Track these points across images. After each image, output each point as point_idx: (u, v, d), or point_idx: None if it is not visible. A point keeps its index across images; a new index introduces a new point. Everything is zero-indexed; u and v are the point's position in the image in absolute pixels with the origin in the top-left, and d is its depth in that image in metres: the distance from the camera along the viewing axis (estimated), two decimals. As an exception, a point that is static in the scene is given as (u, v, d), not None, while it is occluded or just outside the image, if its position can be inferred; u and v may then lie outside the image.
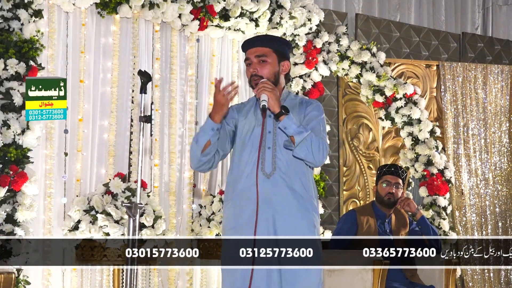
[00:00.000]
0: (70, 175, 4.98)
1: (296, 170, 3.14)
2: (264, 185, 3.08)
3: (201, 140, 3.10)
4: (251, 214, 3.06)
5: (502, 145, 6.77)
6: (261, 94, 3.05)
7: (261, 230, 3.06)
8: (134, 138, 5.25)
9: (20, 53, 4.61)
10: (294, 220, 3.11)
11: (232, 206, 3.14)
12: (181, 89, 5.54)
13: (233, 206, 3.14)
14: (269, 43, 3.22)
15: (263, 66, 3.17)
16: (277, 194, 3.10)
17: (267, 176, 3.10)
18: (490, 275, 6.55)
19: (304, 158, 3.11)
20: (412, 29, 6.85)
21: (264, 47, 3.19)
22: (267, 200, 3.08)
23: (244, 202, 3.10)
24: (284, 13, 5.77)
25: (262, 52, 3.18)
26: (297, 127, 3.07)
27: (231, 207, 3.15)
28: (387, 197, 4.61)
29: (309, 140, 3.07)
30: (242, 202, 3.10)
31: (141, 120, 3.26)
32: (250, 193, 3.08)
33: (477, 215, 6.57)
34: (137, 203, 3.22)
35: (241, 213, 3.10)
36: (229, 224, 3.15)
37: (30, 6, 4.72)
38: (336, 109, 6.34)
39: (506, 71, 6.87)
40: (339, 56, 6.21)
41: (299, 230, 3.12)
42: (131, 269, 3.25)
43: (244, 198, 3.10)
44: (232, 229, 3.12)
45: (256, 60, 3.17)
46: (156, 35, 5.41)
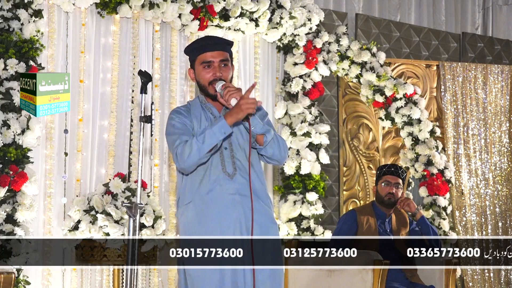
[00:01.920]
0: (70, 175, 4.98)
1: (254, 169, 3.13)
2: (229, 185, 3.07)
3: (210, 142, 2.96)
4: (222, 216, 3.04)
5: (502, 145, 6.77)
6: (231, 99, 2.97)
7: (233, 231, 3.03)
8: (134, 138, 5.25)
9: (20, 53, 4.62)
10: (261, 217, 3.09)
11: (193, 208, 3.07)
12: (181, 89, 5.55)
13: (195, 208, 3.07)
14: (228, 47, 3.19)
15: (225, 70, 3.12)
16: (242, 195, 3.07)
17: (230, 177, 3.08)
18: (490, 275, 6.55)
19: (272, 155, 3.10)
20: (412, 29, 6.85)
21: (226, 52, 3.15)
22: (235, 201, 3.06)
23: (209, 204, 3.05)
24: (284, 13, 5.77)
25: (225, 56, 3.14)
26: (262, 125, 3.05)
27: (192, 209, 3.08)
28: (387, 197, 4.61)
29: (276, 137, 3.10)
30: (205, 204, 3.05)
31: (141, 120, 3.26)
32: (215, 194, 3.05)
33: (477, 215, 6.56)
34: (137, 203, 3.22)
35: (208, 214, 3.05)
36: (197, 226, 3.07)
37: (30, 6, 4.73)
38: (336, 109, 6.33)
39: (506, 71, 6.87)
40: (339, 56, 6.21)
41: (266, 229, 3.11)
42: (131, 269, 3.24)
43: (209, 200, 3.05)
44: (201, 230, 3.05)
45: (218, 64, 3.11)
46: (156, 35, 5.41)
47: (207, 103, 3.19)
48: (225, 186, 3.07)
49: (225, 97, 2.98)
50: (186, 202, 3.10)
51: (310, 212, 5.79)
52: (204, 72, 3.12)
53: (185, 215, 3.10)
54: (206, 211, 3.05)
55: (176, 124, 3.10)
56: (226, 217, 3.04)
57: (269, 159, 3.14)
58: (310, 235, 5.74)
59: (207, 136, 2.96)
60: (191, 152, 2.97)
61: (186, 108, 3.20)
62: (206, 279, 2.99)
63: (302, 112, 5.91)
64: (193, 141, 2.98)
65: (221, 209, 3.05)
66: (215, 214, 3.04)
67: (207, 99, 3.19)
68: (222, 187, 3.07)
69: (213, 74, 3.10)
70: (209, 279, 2.98)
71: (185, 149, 2.98)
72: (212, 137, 2.95)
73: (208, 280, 2.98)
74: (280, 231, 5.68)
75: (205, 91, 3.15)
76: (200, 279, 3.00)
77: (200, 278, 3.00)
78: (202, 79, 3.12)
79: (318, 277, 4.11)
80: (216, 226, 3.03)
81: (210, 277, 2.98)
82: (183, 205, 3.12)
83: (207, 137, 2.96)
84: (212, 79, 3.10)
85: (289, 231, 5.73)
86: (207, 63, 3.11)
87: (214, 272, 2.98)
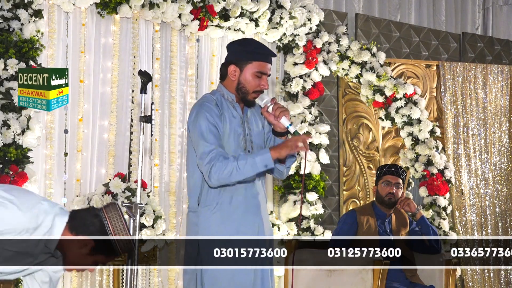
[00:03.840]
0: (70, 175, 4.98)
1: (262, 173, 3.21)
2: (251, 190, 3.14)
3: (248, 172, 2.96)
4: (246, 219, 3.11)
5: (502, 145, 6.77)
6: (282, 116, 3.04)
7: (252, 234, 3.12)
8: (134, 138, 5.25)
9: (20, 53, 4.62)
10: (268, 224, 3.26)
11: (219, 211, 3.10)
12: (181, 89, 5.55)
13: (221, 211, 3.09)
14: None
15: (267, 82, 3.18)
16: (260, 199, 3.18)
17: (252, 181, 3.15)
18: (490, 275, 6.55)
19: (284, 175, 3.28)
20: (412, 29, 6.85)
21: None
22: (257, 206, 3.15)
23: (235, 207, 3.10)
24: (284, 13, 5.77)
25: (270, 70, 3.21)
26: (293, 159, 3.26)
27: (218, 212, 3.10)
28: (387, 197, 4.61)
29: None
30: (231, 207, 3.10)
31: (141, 120, 3.26)
32: (241, 198, 3.11)
33: (477, 215, 6.56)
34: (137, 203, 3.22)
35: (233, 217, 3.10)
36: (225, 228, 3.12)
37: (30, 6, 4.73)
38: (336, 109, 6.33)
39: (506, 71, 6.87)
40: (339, 56, 6.21)
41: (270, 230, 3.29)
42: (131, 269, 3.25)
43: (235, 203, 3.10)
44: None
45: (266, 76, 3.16)
46: (156, 35, 5.41)
47: (235, 102, 3.19)
48: (249, 190, 3.13)
49: (276, 113, 3.04)
50: (212, 205, 3.10)
51: (310, 212, 5.79)
52: (256, 79, 3.12)
53: (209, 219, 3.09)
54: (233, 214, 3.09)
55: (211, 128, 3.05)
56: (249, 220, 3.12)
57: (278, 174, 3.26)
58: (310, 235, 5.74)
59: (248, 165, 2.95)
60: (228, 175, 2.96)
61: (215, 103, 3.14)
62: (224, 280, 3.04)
63: (302, 112, 5.92)
64: (234, 164, 2.95)
65: (244, 213, 3.11)
66: (240, 218, 3.10)
67: (236, 98, 3.19)
68: (246, 191, 3.12)
69: (261, 85, 3.12)
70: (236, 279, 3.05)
71: (222, 168, 2.96)
72: (253, 167, 2.96)
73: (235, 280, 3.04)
74: (280, 231, 5.69)
75: (244, 94, 3.14)
76: (227, 278, 3.04)
77: (225, 278, 3.04)
78: (249, 85, 3.12)
79: (318, 277, 4.11)
80: (239, 229, 3.09)
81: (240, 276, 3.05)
82: (206, 208, 3.10)
83: (248, 166, 2.95)
84: (258, 89, 3.12)
85: (289, 231, 5.73)
86: (262, 73, 3.13)
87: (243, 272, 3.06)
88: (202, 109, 3.09)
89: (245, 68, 3.12)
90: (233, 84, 3.15)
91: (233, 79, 3.15)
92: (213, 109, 3.09)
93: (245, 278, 3.05)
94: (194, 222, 3.12)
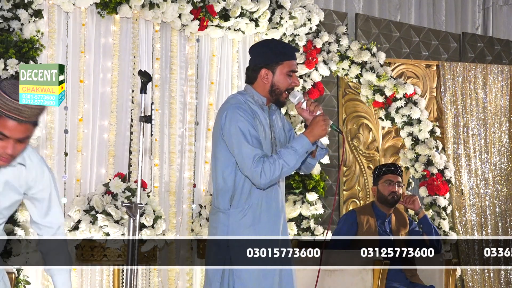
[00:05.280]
0: (70, 175, 4.98)
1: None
2: (277, 192, 3.18)
3: (295, 165, 3.05)
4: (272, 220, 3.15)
5: (502, 145, 6.77)
6: (317, 110, 3.10)
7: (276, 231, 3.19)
8: (134, 138, 5.25)
9: (20, 53, 4.62)
10: (286, 221, 3.31)
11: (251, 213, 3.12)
12: (181, 89, 5.54)
13: (253, 213, 3.11)
14: None
15: (297, 78, 3.23)
16: (282, 199, 3.22)
17: (278, 184, 3.19)
18: (490, 275, 6.55)
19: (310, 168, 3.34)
20: (412, 29, 6.85)
21: None
22: (280, 209, 3.19)
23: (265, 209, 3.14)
24: (284, 13, 5.76)
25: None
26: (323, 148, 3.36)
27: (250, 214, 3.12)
28: (390, 196, 4.63)
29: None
30: (261, 210, 3.13)
31: (141, 120, 3.26)
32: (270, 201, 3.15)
33: (477, 215, 6.56)
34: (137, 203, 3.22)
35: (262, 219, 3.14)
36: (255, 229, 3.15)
37: (30, 6, 4.73)
38: (336, 109, 6.33)
39: (506, 71, 6.87)
40: (339, 56, 6.21)
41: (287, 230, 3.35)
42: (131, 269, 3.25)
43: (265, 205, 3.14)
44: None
45: (295, 73, 3.20)
46: (156, 35, 5.41)
47: (265, 105, 3.20)
48: (275, 192, 3.16)
49: (311, 108, 3.10)
50: (243, 207, 3.11)
51: (310, 212, 5.79)
52: (287, 78, 3.15)
53: (239, 221, 3.11)
54: (262, 217, 3.12)
55: (251, 130, 3.06)
56: (276, 223, 3.16)
57: (307, 168, 3.32)
58: (310, 235, 5.74)
59: (292, 157, 3.02)
60: (279, 173, 3.02)
61: (248, 106, 3.15)
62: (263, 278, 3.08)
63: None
64: (280, 162, 3.01)
65: (271, 216, 3.14)
66: (267, 220, 3.13)
67: (267, 102, 3.20)
68: (273, 194, 3.15)
69: (293, 83, 3.16)
70: (266, 279, 3.08)
71: (271, 168, 3.01)
72: (296, 157, 3.04)
73: (265, 280, 3.08)
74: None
75: (277, 96, 3.17)
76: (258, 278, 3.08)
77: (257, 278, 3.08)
78: (282, 84, 3.15)
79: (318, 277, 4.11)
80: (268, 232, 3.12)
81: (268, 276, 3.09)
82: (237, 209, 3.12)
83: (292, 158, 3.02)
84: (290, 87, 3.16)
85: (289, 231, 5.73)
86: (293, 72, 3.17)
87: (272, 272, 3.10)
88: (238, 111, 3.09)
89: (276, 70, 3.14)
90: (265, 87, 3.16)
91: (265, 82, 3.16)
92: (248, 112, 3.10)
93: (272, 278, 3.09)
94: (223, 223, 3.13)
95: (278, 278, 3.12)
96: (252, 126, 3.06)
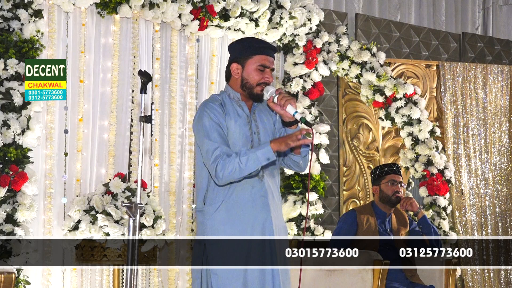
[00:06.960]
0: (70, 175, 4.98)
1: (275, 169, 3.22)
2: (259, 187, 3.12)
3: (252, 166, 2.97)
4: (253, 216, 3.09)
5: (502, 145, 6.77)
6: (287, 104, 3.03)
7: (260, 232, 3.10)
8: (134, 138, 5.25)
9: (20, 53, 4.62)
10: (280, 223, 3.22)
11: (225, 209, 3.09)
12: (181, 89, 5.55)
13: (227, 209, 3.09)
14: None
15: (271, 75, 3.19)
16: (269, 197, 3.14)
17: (260, 179, 3.13)
18: (490, 275, 6.55)
19: (301, 165, 3.22)
20: (412, 29, 6.85)
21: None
22: (264, 203, 3.11)
23: (242, 205, 3.09)
24: (284, 13, 5.77)
25: (274, 64, 3.22)
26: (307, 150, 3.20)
27: (223, 211, 3.09)
28: (394, 196, 4.65)
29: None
30: (237, 206, 3.08)
31: (141, 120, 3.26)
32: (247, 196, 3.09)
33: (477, 215, 6.56)
34: (137, 203, 3.22)
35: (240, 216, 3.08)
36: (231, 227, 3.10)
37: (30, 6, 4.73)
38: (336, 109, 6.33)
39: (506, 71, 6.87)
40: (339, 56, 6.21)
41: (284, 232, 3.25)
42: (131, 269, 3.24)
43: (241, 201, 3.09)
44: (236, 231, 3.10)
45: (270, 70, 3.17)
46: (156, 35, 5.41)
47: (241, 101, 3.20)
48: (256, 187, 3.11)
49: (281, 102, 3.03)
50: (216, 203, 3.10)
51: (310, 212, 5.79)
52: (257, 73, 3.14)
53: (214, 217, 3.09)
54: (239, 212, 3.08)
55: (214, 126, 3.07)
56: (256, 219, 3.09)
57: (296, 166, 3.24)
58: (310, 235, 5.74)
59: (250, 160, 2.97)
60: (232, 171, 2.98)
61: (219, 103, 3.17)
62: (233, 278, 3.03)
63: (302, 112, 5.91)
64: (236, 160, 2.98)
65: (251, 211, 3.09)
66: (246, 216, 3.08)
67: (241, 97, 3.19)
68: (253, 188, 3.11)
69: (264, 78, 3.13)
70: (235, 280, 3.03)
71: (226, 165, 2.98)
72: (255, 161, 2.97)
73: (235, 280, 3.03)
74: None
75: (249, 90, 3.15)
76: (228, 278, 3.03)
77: (228, 278, 3.03)
78: (252, 79, 3.14)
79: (318, 277, 4.11)
80: (246, 227, 3.08)
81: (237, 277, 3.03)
82: (211, 206, 3.11)
83: (250, 161, 2.97)
84: (262, 82, 3.13)
85: (289, 231, 5.73)
86: (264, 67, 3.14)
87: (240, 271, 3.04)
88: (206, 109, 3.12)
89: (246, 64, 3.15)
90: (237, 82, 3.18)
91: (236, 77, 3.17)
92: (216, 108, 3.11)
93: (252, 278, 3.04)
94: (201, 221, 3.13)
95: (263, 279, 3.04)
96: (217, 123, 3.06)
